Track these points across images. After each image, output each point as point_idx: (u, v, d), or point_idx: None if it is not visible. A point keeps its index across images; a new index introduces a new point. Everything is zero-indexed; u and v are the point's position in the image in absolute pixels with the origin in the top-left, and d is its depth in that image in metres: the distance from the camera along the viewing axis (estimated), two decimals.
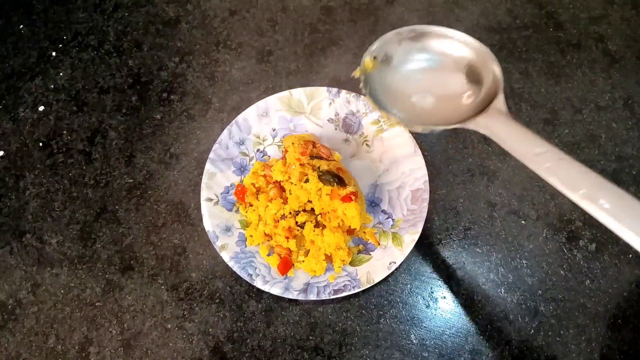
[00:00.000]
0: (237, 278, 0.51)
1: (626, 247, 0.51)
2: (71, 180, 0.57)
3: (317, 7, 0.66)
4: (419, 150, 0.52)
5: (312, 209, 0.49)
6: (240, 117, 0.54)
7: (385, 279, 0.49)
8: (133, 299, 0.50)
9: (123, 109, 0.60)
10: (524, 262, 0.51)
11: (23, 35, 0.66)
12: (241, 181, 0.53)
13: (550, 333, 0.47)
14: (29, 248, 0.53)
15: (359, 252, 0.50)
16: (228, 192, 0.52)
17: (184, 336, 0.48)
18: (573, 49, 0.62)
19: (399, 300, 0.49)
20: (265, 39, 0.64)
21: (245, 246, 0.50)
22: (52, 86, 0.62)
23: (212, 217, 0.50)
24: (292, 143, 0.50)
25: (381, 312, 0.49)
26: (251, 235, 0.50)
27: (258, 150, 0.55)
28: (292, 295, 0.47)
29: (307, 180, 0.48)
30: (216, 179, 0.52)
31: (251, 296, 0.50)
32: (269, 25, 0.65)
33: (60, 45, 0.65)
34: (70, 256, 0.53)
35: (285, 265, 0.48)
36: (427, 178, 0.50)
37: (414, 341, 0.48)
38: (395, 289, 0.50)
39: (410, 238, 0.48)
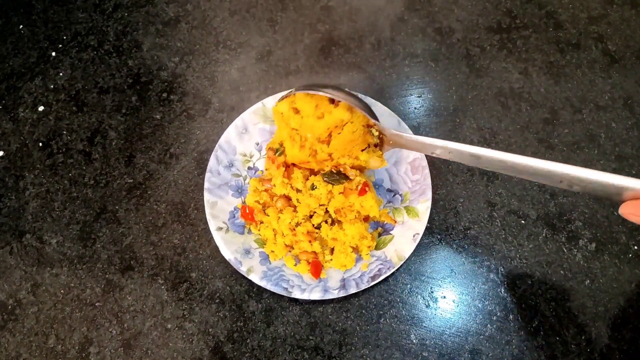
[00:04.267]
0: (237, 278, 0.51)
1: (626, 247, 0.51)
2: (71, 180, 0.57)
3: (317, 7, 0.66)
4: (405, 124, 0.52)
5: (327, 210, 0.49)
6: (222, 140, 0.53)
7: (385, 279, 0.49)
8: (133, 299, 0.50)
9: (123, 109, 0.60)
10: (524, 262, 0.51)
11: (23, 35, 0.66)
12: (243, 202, 0.53)
13: (550, 333, 0.47)
14: (29, 248, 0.53)
15: (380, 234, 0.51)
16: (234, 217, 0.52)
17: (184, 336, 0.48)
18: (573, 49, 0.62)
19: (399, 300, 0.49)
20: (265, 39, 0.64)
21: (270, 263, 0.49)
22: (52, 86, 0.62)
23: (227, 245, 0.49)
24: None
25: (381, 312, 0.49)
26: (272, 251, 0.49)
27: (249, 167, 0.55)
28: (333, 294, 0.46)
29: (313, 187, 0.48)
30: (218, 206, 0.51)
31: (251, 296, 0.50)
32: (269, 25, 0.65)
33: (60, 46, 0.65)
34: (70, 256, 0.53)
35: (317, 268, 0.48)
36: None
37: (414, 341, 0.48)
38: (395, 289, 0.50)
39: (424, 206, 0.49)
